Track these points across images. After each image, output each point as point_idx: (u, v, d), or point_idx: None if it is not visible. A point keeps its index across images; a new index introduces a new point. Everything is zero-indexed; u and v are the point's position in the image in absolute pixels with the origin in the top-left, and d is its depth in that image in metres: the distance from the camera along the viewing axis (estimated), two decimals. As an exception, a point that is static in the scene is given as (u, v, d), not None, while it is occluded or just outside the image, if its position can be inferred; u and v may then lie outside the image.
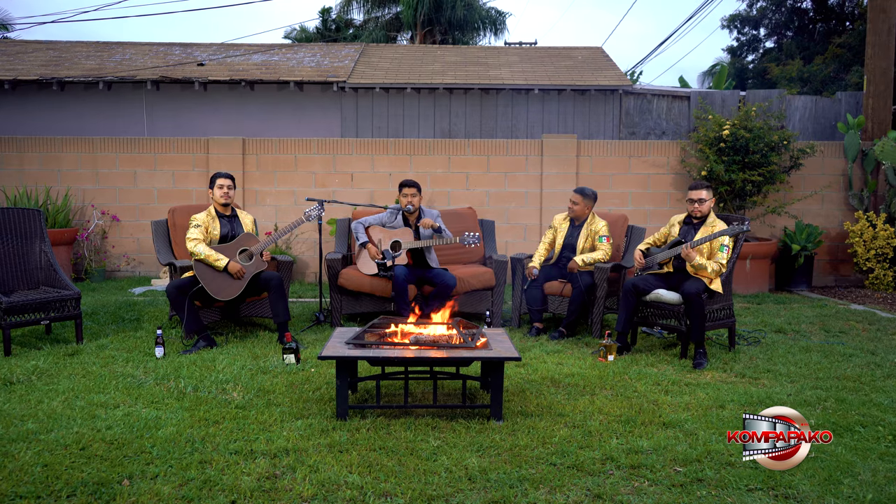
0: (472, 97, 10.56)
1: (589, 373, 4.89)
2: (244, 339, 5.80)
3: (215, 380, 4.55)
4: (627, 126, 10.54)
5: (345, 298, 6.43)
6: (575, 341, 6.00)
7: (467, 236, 6.22)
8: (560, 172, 9.44)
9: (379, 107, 10.60)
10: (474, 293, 6.51)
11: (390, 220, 6.53)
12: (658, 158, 9.50)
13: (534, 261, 6.43)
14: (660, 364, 5.22)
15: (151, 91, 10.46)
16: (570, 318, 6.13)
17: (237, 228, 5.85)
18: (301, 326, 6.40)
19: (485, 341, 4.08)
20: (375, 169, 9.49)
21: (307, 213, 6.01)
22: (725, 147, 8.77)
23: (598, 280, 6.14)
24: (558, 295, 6.32)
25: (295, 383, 4.53)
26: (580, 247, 6.33)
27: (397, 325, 4.26)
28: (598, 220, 6.39)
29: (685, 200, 5.65)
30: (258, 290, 5.81)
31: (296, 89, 10.46)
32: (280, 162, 9.49)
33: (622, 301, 5.61)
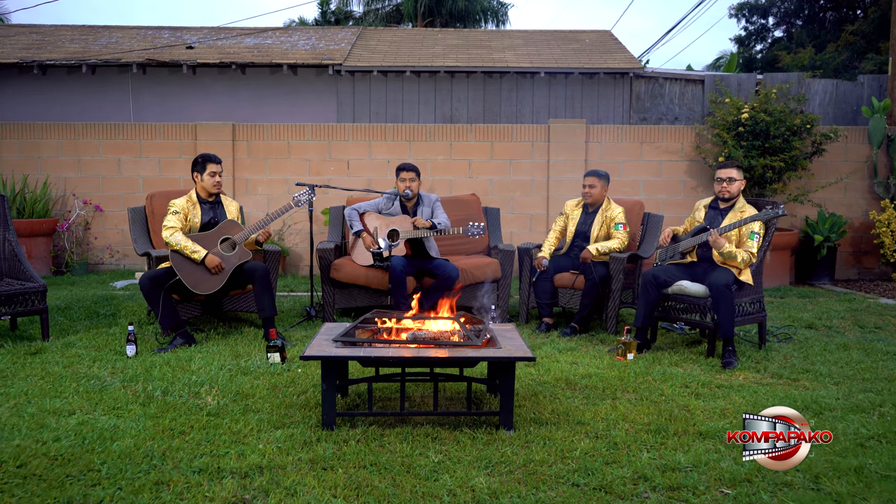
0: (475, 81, 10.04)
1: (607, 373, 4.39)
2: (227, 336, 5.30)
3: (189, 382, 4.05)
4: (638, 111, 10.02)
5: (338, 292, 5.92)
6: (589, 338, 5.49)
7: (471, 227, 5.72)
8: (568, 159, 8.92)
9: (377, 91, 10.08)
10: (478, 286, 6.00)
11: (387, 206, 6.02)
12: (671, 144, 8.98)
13: (543, 251, 5.92)
14: (685, 363, 4.71)
15: (138, 75, 9.95)
16: (582, 312, 5.63)
17: (220, 216, 5.34)
18: (290, 322, 5.89)
19: (492, 338, 3.57)
20: (373, 156, 8.98)
21: (296, 197, 5.50)
22: (744, 131, 8.25)
23: (614, 271, 5.63)
24: (570, 287, 5.81)
25: (278, 386, 4.03)
26: (594, 235, 5.82)
27: (393, 319, 3.74)
28: (613, 205, 5.88)
29: (713, 180, 5.14)
30: (242, 283, 5.30)
31: (289, 73, 9.94)
32: (272, 148, 8.98)
33: (641, 294, 5.10)
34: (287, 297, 7.23)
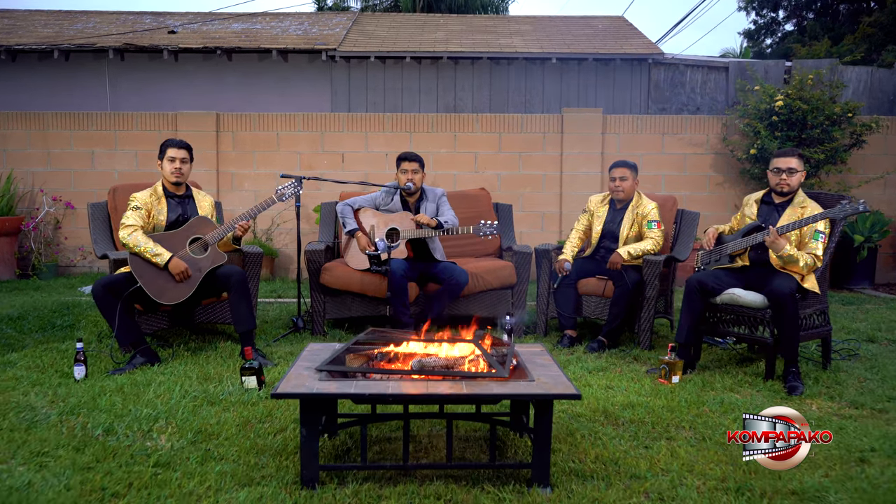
0: (481, 68, 9.27)
1: (652, 402, 3.62)
2: (197, 353, 4.52)
3: (141, 415, 3.27)
4: (657, 101, 9.26)
5: (329, 300, 5.15)
6: (620, 354, 4.73)
7: (483, 226, 4.95)
8: (583, 152, 8.16)
9: (374, 79, 9.31)
10: (490, 293, 5.24)
11: (385, 201, 5.25)
12: (696, 136, 8.22)
13: (565, 253, 5.16)
14: (741, 388, 3.94)
15: (115, 61, 9.16)
16: (612, 324, 4.86)
17: (191, 212, 4.57)
18: (275, 334, 5.12)
19: (519, 365, 2.81)
20: (370, 148, 8.21)
21: (279, 191, 4.73)
22: (778, 121, 7.49)
23: (648, 277, 4.86)
24: (597, 295, 5.05)
25: (251, 421, 3.25)
26: (624, 235, 5.05)
27: (392, 341, 2.96)
28: (645, 200, 5.11)
29: (769, 171, 4.38)
30: (216, 290, 4.53)
31: (279, 59, 9.17)
32: (260, 140, 8.21)
33: (685, 304, 4.33)
34: (273, 304, 6.46)
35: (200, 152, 8.10)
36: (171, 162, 4.49)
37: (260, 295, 6.93)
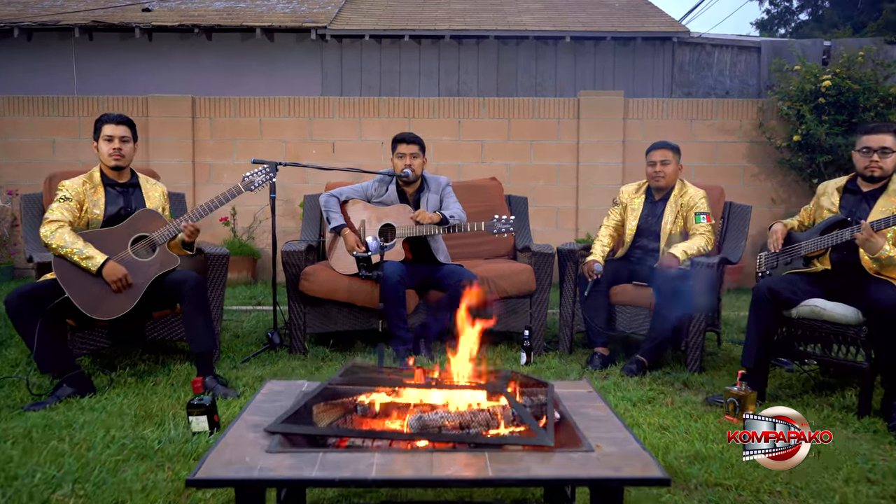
0: (487, 48, 8.39)
1: (728, 452, 2.74)
2: (144, 379, 3.65)
3: (38, 480, 2.40)
4: (681, 85, 8.38)
5: (311, 311, 4.28)
6: (665, 379, 3.85)
7: (496, 222, 4.09)
8: (602, 140, 7.28)
9: (369, 60, 8.42)
10: (504, 302, 4.36)
11: (379, 192, 4.37)
12: (728, 122, 7.34)
13: (594, 254, 4.28)
14: (832, 428, 3.07)
15: (82, 41, 8.29)
16: (654, 341, 3.99)
17: (136, 204, 3.70)
18: (245, 353, 4.24)
19: (563, 419, 1.94)
20: (363, 136, 7.34)
21: (247, 178, 3.86)
22: (825, 103, 6.62)
23: (700, 282, 3.99)
24: (634, 305, 4.17)
25: (188, 490, 2.38)
26: (666, 231, 4.18)
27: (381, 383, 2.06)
28: (691, 188, 4.25)
29: (856, 152, 3.51)
30: (169, 300, 3.65)
31: (264, 38, 8.29)
32: (240, 127, 7.34)
33: (753, 318, 3.46)
34: (252, 312, 5.59)
35: (174, 140, 7.26)
36: (108, 142, 3.62)
37: (238, 301, 6.07)
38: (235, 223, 7.13)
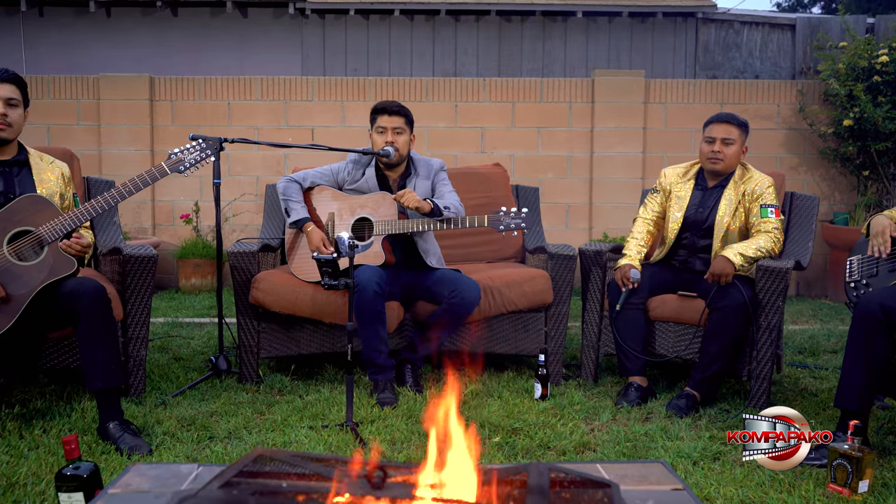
0: (488, 26, 7.46)
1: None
2: (31, 424, 2.71)
3: None
4: (706, 66, 7.46)
5: (266, 328, 3.34)
6: (723, 418, 2.93)
7: (503, 216, 3.18)
8: (619, 127, 6.37)
9: (355, 39, 7.50)
10: (512, 317, 3.44)
11: (354, 176, 3.44)
12: (763, 107, 6.43)
13: (628, 255, 3.36)
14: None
15: (31, 16, 7.36)
16: (708, 369, 3.07)
17: (22, 188, 2.77)
18: (182, 382, 3.31)
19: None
20: (347, 122, 6.42)
21: (174, 155, 2.94)
22: (881, 82, 5.72)
23: (768, 293, 3.07)
24: (679, 322, 3.24)
25: None
26: (722, 225, 3.26)
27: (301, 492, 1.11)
28: (756, 174, 3.34)
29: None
30: (66, 317, 2.70)
31: (236, 13, 7.36)
32: (206, 112, 6.40)
33: (857, 344, 2.53)
34: (206, 327, 4.65)
35: (130, 126, 6.34)
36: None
37: (194, 312, 5.14)
38: (199, 221, 6.19)
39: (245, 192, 6.30)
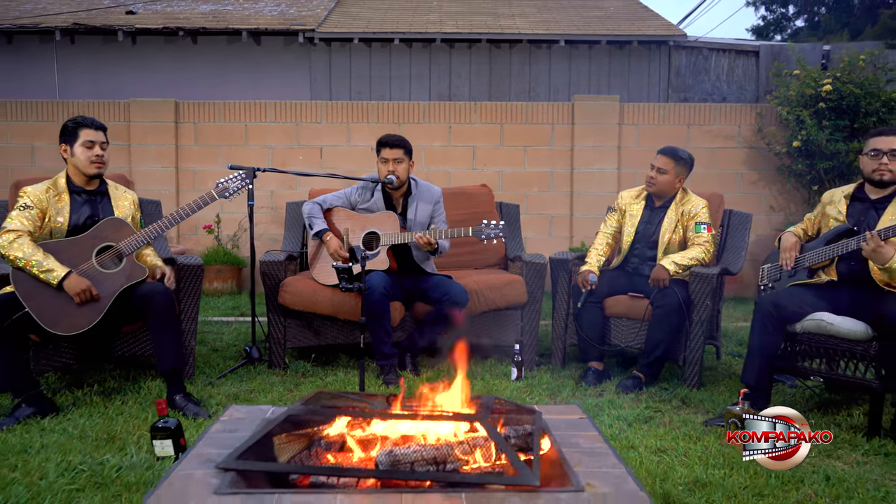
0: (479, 53, 8.22)
1: (729, 479, 2.56)
2: (112, 398, 3.44)
3: (-19, 513, 2.20)
4: (678, 90, 8.22)
5: (292, 324, 4.08)
6: (662, 395, 3.66)
7: (485, 227, 3.89)
8: (597, 146, 7.11)
9: (359, 65, 8.25)
10: (493, 315, 4.17)
11: (363, 198, 4.18)
12: (726, 128, 7.18)
13: (589, 263, 4.09)
14: (840, 451, 2.88)
15: (64, 44, 8.09)
16: (650, 355, 3.81)
17: (104, 213, 3.49)
18: (222, 368, 4.04)
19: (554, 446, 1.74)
20: (353, 142, 7.15)
21: (221, 185, 3.65)
22: (826, 108, 6.46)
23: (698, 294, 3.81)
24: (629, 318, 3.98)
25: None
26: (664, 240, 4.00)
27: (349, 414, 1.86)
28: (693, 198, 4.06)
29: (863, 155, 3.32)
30: (138, 314, 3.44)
31: (251, 42, 8.10)
32: (225, 133, 7.15)
33: (757, 333, 3.27)
34: (233, 324, 5.38)
35: (157, 146, 7.07)
36: (88, 148, 3.42)
37: (220, 312, 5.87)
38: (220, 231, 6.93)
39: (262, 206, 7.02)
